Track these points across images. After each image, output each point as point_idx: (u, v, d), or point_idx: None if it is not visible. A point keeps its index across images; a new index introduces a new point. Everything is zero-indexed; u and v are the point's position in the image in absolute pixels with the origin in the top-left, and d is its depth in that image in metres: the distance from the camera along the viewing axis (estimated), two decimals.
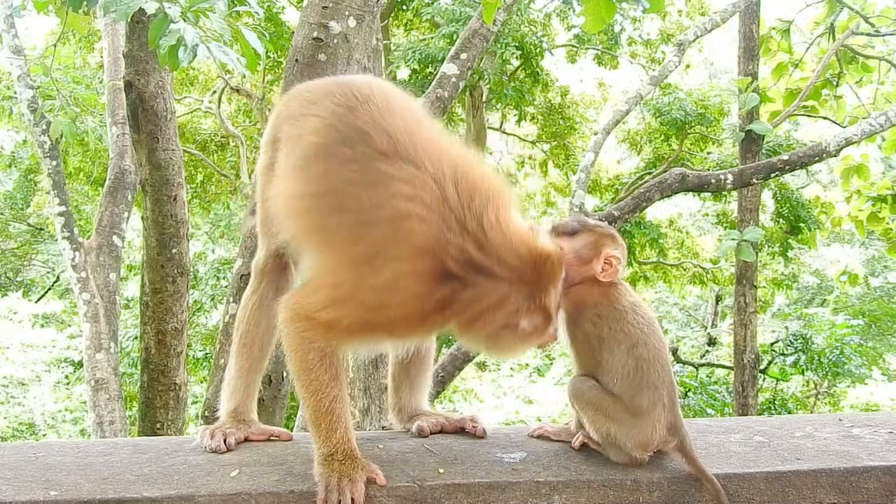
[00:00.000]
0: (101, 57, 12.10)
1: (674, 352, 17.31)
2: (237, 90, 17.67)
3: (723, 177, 9.52)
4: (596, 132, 11.44)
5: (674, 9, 18.87)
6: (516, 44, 15.13)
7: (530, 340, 2.32)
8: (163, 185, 6.76)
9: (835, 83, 12.82)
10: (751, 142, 11.99)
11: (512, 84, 16.44)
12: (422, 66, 14.87)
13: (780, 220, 15.90)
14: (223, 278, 15.90)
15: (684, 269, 19.74)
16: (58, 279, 21.30)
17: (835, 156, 10.03)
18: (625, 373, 2.33)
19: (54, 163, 10.02)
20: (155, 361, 7.27)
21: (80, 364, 15.68)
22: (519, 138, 21.67)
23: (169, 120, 6.68)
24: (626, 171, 20.27)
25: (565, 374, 18.69)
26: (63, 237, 9.77)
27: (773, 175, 9.97)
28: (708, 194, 15.77)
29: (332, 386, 2.28)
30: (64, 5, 5.83)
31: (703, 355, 20.42)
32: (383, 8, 13.03)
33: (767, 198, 15.62)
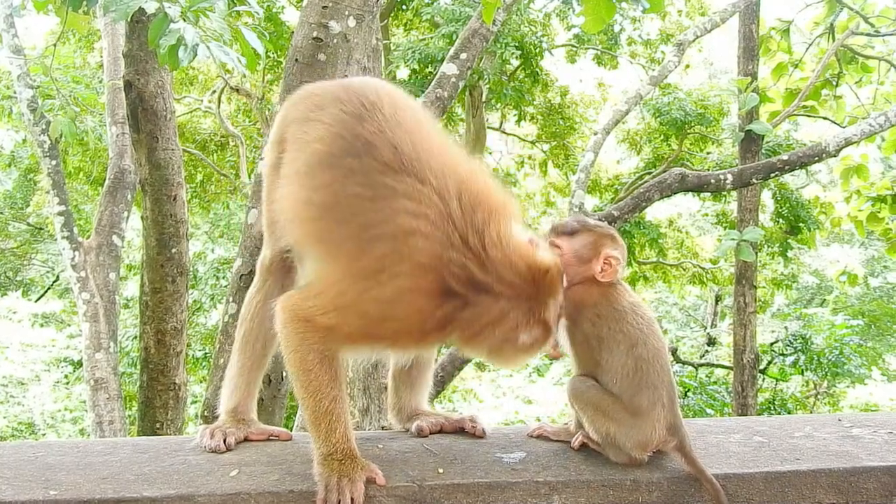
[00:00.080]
0: (101, 56, 12.10)
1: (673, 352, 17.30)
2: (237, 90, 17.66)
3: (722, 177, 9.52)
4: (596, 132, 11.44)
5: (673, 9, 18.87)
6: (516, 44, 15.13)
7: (531, 352, 2.36)
8: (162, 184, 6.75)
9: (834, 83, 12.82)
10: (750, 142, 11.99)
11: (512, 84, 16.44)
12: (421, 65, 14.88)
13: (780, 220, 15.90)
14: (223, 278, 15.88)
15: (684, 269, 19.74)
16: (57, 279, 21.29)
17: (834, 156, 10.03)
18: (624, 373, 2.34)
19: (54, 162, 10.03)
20: (154, 361, 7.27)
21: (79, 363, 15.68)
22: (519, 138, 21.66)
23: (168, 119, 6.67)
24: (626, 171, 20.26)
25: (565, 374, 18.68)
26: (63, 237, 9.78)
27: (772, 175, 9.97)
28: (707, 194, 15.78)
29: (331, 386, 2.28)
30: (64, 5, 5.82)
31: (703, 355, 20.42)
32: (383, 8, 13.03)
33: (767, 198, 15.61)
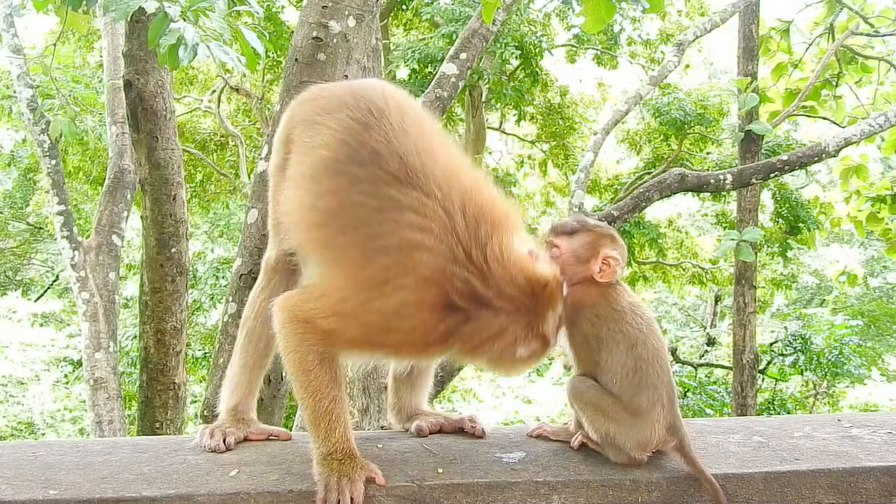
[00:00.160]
0: (101, 56, 12.09)
1: (673, 352, 17.30)
2: (237, 89, 17.66)
3: (722, 177, 9.52)
4: (595, 132, 11.43)
5: (673, 9, 18.87)
6: (516, 44, 15.12)
7: (529, 364, 2.37)
8: (162, 184, 6.75)
9: (834, 83, 12.81)
10: (750, 142, 11.99)
11: (511, 84, 16.43)
12: (421, 65, 14.87)
13: (780, 220, 15.89)
14: (222, 278, 15.87)
15: (683, 270, 19.75)
16: (57, 278, 21.28)
17: (834, 156, 10.03)
18: (623, 373, 2.33)
19: (53, 162, 10.02)
20: (154, 361, 7.26)
21: (79, 363, 15.67)
22: (518, 138, 21.66)
23: (168, 119, 6.67)
24: (626, 171, 20.26)
25: (564, 373, 18.67)
26: (62, 236, 9.78)
27: (772, 175, 9.97)
28: (707, 194, 15.78)
29: (331, 387, 2.28)
30: (63, 4, 5.82)
31: (702, 355, 20.43)
32: (383, 7, 13.02)
33: (767, 198, 15.61)
